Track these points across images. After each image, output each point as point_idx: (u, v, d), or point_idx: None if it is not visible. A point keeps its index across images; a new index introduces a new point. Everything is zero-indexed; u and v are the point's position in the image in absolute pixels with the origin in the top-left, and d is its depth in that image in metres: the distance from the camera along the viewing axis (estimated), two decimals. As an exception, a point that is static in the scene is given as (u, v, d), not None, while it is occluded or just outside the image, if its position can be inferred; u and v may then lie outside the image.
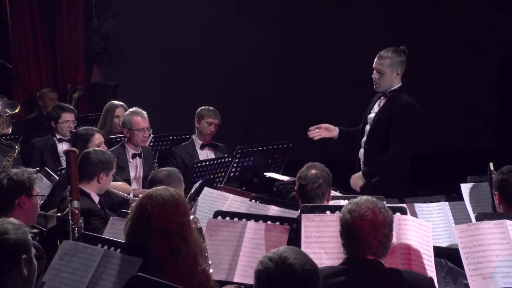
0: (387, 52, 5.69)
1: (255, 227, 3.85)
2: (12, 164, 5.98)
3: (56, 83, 9.97)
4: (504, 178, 3.97)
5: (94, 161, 4.78)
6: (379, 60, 5.69)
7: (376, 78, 5.70)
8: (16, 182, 3.87)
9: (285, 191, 5.27)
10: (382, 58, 5.68)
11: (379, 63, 5.69)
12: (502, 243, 3.45)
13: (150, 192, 3.15)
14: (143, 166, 6.25)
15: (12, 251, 2.68)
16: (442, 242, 4.23)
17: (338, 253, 3.29)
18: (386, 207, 3.20)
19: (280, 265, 2.27)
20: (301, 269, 2.26)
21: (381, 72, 5.66)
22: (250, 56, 9.41)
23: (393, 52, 5.68)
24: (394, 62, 5.66)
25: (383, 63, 5.67)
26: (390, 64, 5.65)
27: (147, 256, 2.94)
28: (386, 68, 5.66)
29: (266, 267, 2.29)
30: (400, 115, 5.58)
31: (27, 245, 2.75)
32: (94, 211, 4.55)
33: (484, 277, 3.39)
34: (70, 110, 6.92)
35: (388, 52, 5.68)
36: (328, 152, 6.47)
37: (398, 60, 5.67)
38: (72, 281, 3.12)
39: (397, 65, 5.67)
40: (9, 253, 2.68)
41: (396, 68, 5.67)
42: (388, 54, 5.67)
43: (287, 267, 2.26)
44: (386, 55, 5.68)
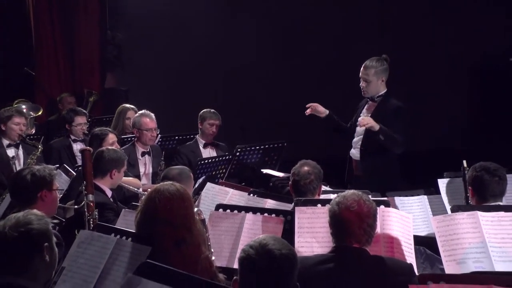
0: (371, 62, 5.73)
1: (253, 219, 3.88)
2: (35, 161, 6.00)
3: (74, 88, 9.99)
4: (477, 175, 4.01)
5: (107, 159, 4.79)
6: (364, 70, 5.73)
7: (363, 86, 5.75)
8: (38, 177, 3.90)
9: (280, 186, 5.30)
10: (367, 68, 5.72)
11: (365, 73, 5.73)
12: (474, 231, 3.49)
13: (158, 187, 3.16)
14: (151, 163, 6.26)
15: (35, 239, 2.72)
16: (421, 232, 4.26)
17: (327, 242, 3.31)
18: (370, 200, 3.22)
19: (260, 251, 2.28)
20: (279, 253, 2.27)
21: (368, 80, 5.71)
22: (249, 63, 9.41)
23: (377, 61, 5.73)
24: (379, 71, 5.70)
25: (368, 72, 5.71)
26: (375, 73, 5.69)
27: (155, 245, 2.96)
28: (372, 77, 5.70)
29: (248, 254, 2.30)
30: (394, 117, 5.63)
31: (49, 234, 2.79)
32: (107, 204, 4.57)
33: (458, 262, 3.43)
34: (82, 114, 6.92)
35: (372, 62, 5.73)
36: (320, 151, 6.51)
37: (382, 68, 5.72)
38: (88, 266, 3.13)
39: (381, 73, 5.72)
40: (33, 241, 2.72)
41: (381, 76, 5.72)
42: (373, 64, 5.72)
43: (266, 252, 2.27)
44: (370, 64, 5.72)
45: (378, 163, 5.68)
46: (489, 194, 3.96)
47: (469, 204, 4.02)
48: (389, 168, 5.73)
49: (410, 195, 4.56)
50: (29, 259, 2.72)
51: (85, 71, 10.33)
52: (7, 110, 6.62)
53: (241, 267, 2.33)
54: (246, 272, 2.30)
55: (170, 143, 6.76)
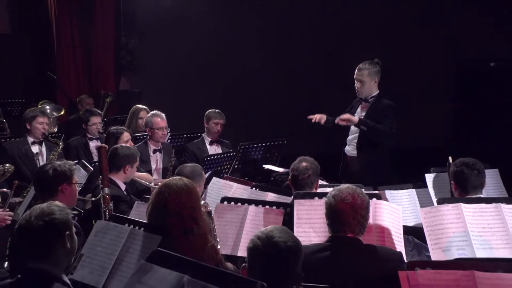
0: (364, 64, 5.75)
1: (255, 211, 3.88)
2: (56, 157, 6.02)
3: (92, 90, 10.03)
4: (458, 170, 4.04)
5: (121, 155, 4.80)
6: (359, 72, 5.74)
7: (358, 87, 5.76)
8: (59, 172, 3.92)
9: (281, 180, 5.29)
10: (361, 70, 5.73)
11: (359, 74, 5.74)
12: (458, 222, 3.51)
13: (167, 181, 3.16)
14: (162, 159, 6.26)
15: (57, 228, 2.74)
16: (410, 222, 4.27)
17: (324, 232, 3.31)
18: (363, 193, 3.23)
19: (267, 242, 2.28)
20: (284, 245, 2.27)
21: (362, 81, 5.71)
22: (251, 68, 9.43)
23: (370, 64, 5.75)
24: (372, 72, 5.71)
25: (362, 73, 5.72)
26: (368, 74, 5.70)
27: (165, 234, 2.96)
28: (366, 78, 5.70)
29: (255, 244, 2.31)
30: (386, 113, 5.64)
31: (70, 224, 2.82)
32: (121, 197, 4.57)
33: (443, 250, 3.44)
34: (97, 114, 6.91)
35: (365, 64, 5.74)
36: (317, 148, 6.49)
37: (375, 70, 5.73)
38: (104, 253, 3.14)
39: (374, 74, 5.72)
40: (55, 230, 2.74)
41: (374, 77, 5.72)
42: (366, 66, 5.73)
43: (272, 244, 2.27)
44: (364, 67, 5.73)
45: (372, 158, 5.68)
46: (470, 187, 3.99)
47: (453, 197, 4.03)
48: (381, 163, 5.73)
49: (400, 189, 4.56)
50: (52, 246, 2.74)
51: (101, 75, 10.37)
52: (32, 110, 6.67)
53: (249, 257, 2.34)
54: (253, 261, 2.31)
55: (179, 140, 6.75)
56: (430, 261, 3.19)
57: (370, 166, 5.66)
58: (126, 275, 2.92)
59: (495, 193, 4.56)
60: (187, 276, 1.95)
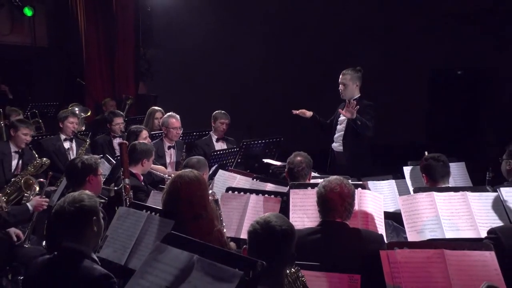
0: (347, 70, 5.75)
1: (256, 199, 3.87)
2: (84, 152, 6.03)
3: (114, 94, 10.10)
4: (426, 164, 4.04)
5: (139, 150, 4.79)
6: (342, 76, 5.75)
7: (342, 90, 5.75)
8: (87, 164, 3.92)
9: (278, 172, 5.26)
10: (345, 74, 5.74)
11: (343, 78, 5.75)
12: (430, 208, 3.51)
13: (180, 173, 3.15)
14: (175, 154, 6.25)
15: (86, 214, 2.78)
16: (390, 208, 4.25)
17: (316, 217, 3.29)
18: (350, 183, 3.22)
19: (264, 226, 2.26)
20: (279, 229, 2.25)
21: (345, 84, 5.71)
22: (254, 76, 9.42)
23: (352, 70, 5.75)
24: (354, 77, 5.71)
25: (346, 77, 5.73)
26: (351, 78, 5.70)
27: (177, 219, 2.95)
28: (348, 81, 5.71)
29: (254, 228, 2.29)
30: (367, 111, 5.61)
31: (97, 210, 2.84)
32: (139, 187, 4.56)
33: (418, 232, 3.45)
34: (119, 115, 6.93)
35: (348, 70, 5.75)
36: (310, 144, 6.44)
37: (357, 76, 5.72)
38: (125, 235, 3.15)
39: (356, 79, 5.72)
40: (84, 215, 2.77)
41: (355, 81, 5.72)
42: (349, 71, 5.74)
43: (269, 227, 2.25)
44: (347, 72, 5.74)
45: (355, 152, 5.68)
46: (438, 176, 3.98)
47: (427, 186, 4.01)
48: (364, 157, 5.72)
49: (381, 180, 4.54)
50: (82, 229, 2.77)
51: (122, 81, 10.43)
52: (64, 111, 6.76)
53: (249, 239, 2.31)
54: (253, 243, 2.29)
55: (190, 138, 6.74)
56: (407, 242, 3.19)
57: (355, 159, 5.65)
58: (144, 254, 2.92)
59: (462, 182, 4.58)
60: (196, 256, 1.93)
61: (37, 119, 8.13)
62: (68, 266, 2.69)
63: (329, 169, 5.75)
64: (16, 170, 5.72)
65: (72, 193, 2.87)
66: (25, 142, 5.85)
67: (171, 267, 1.96)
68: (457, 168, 4.57)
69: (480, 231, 3.37)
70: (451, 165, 4.15)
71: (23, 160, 5.80)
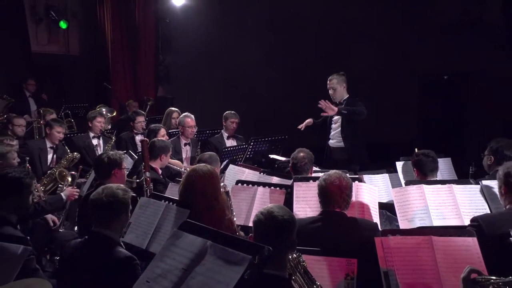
0: (333, 75, 5.73)
1: (263, 191, 3.85)
2: (110, 148, 6.05)
3: (136, 96, 10.10)
4: (417, 159, 4.02)
5: (157, 146, 4.78)
6: (330, 82, 5.75)
7: (331, 94, 5.74)
8: (112, 159, 3.92)
9: (283, 167, 5.24)
10: (331, 80, 5.74)
11: (330, 84, 5.74)
12: (420, 199, 3.49)
13: (194, 167, 3.13)
14: (191, 150, 6.25)
15: (119, 206, 2.80)
16: (384, 199, 4.20)
17: (317, 207, 3.26)
18: (348, 177, 3.20)
19: (267, 216, 2.24)
20: (281, 218, 2.22)
21: (334, 88, 5.70)
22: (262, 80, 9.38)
23: (337, 74, 5.73)
24: (340, 80, 5.69)
25: (333, 82, 5.71)
26: (337, 82, 5.68)
27: (192, 209, 2.94)
28: (336, 85, 5.68)
29: (259, 218, 2.26)
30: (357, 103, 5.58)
31: (128, 203, 2.88)
32: (158, 180, 4.55)
33: (409, 220, 3.43)
34: (142, 114, 6.95)
35: (334, 75, 5.73)
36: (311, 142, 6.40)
37: (342, 78, 5.72)
38: (146, 223, 3.15)
39: (342, 81, 5.70)
40: (117, 207, 2.79)
41: (342, 84, 5.70)
42: (334, 76, 5.72)
43: (272, 217, 2.22)
44: (333, 77, 5.73)
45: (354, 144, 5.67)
46: (428, 170, 3.95)
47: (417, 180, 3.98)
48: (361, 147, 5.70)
49: (376, 173, 4.51)
50: (113, 218, 2.79)
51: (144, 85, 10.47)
52: (93, 112, 6.78)
53: (254, 227, 2.30)
54: (257, 231, 2.27)
55: (203, 135, 6.73)
56: (399, 229, 3.18)
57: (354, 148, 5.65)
58: (163, 239, 2.93)
59: (448, 176, 4.56)
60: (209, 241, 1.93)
61: (69, 118, 8.17)
62: (97, 249, 2.71)
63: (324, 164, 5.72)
64: (51, 164, 5.77)
65: (111, 185, 2.88)
66: (59, 139, 5.92)
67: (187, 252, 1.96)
68: (444, 163, 4.54)
69: (464, 219, 3.35)
70: (439, 160, 4.11)
71: (57, 154, 5.84)
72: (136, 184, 4.43)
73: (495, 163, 3.88)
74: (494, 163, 3.90)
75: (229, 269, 1.79)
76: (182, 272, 1.88)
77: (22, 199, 3.05)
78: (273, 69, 9.51)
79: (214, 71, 9.60)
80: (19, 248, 2.56)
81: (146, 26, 10.39)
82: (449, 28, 8.17)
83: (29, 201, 3.13)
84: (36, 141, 6.32)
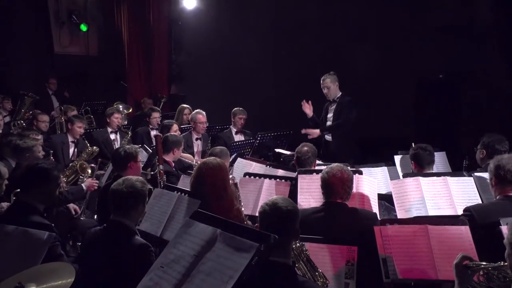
0: (325, 76, 5.69)
1: (269, 183, 3.83)
2: (126, 143, 6.05)
3: (151, 94, 10.11)
4: (415, 152, 3.99)
5: (170, 141, 4.77)
6: (323, 82, 5.70)
7: (326, 92, 5.71)
8: (128, 153, 3.93)
9: (288, 160, 5.22)
10: (325, 80, 5.69)
11: (324, 83, 5.71)
12: (417, 190, 3.48)
13: (205, 160, 3.13)
14: (202, 145, 6.24)
15: (137, 197, 2.80)
16: (382, 191, 4.16)
17: (320, 198, 3.24)
18: (349, 170, 3.17)
19: (272, 207, 2.22)
20: (285, 209, 2.20)
21: (328, 87, 5.66)
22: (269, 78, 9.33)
23: (329, 74, 5.69)
24: (332, 79, 5.66)
25: (326, 81, 5.68)
26: (331, 81, 5.65)
27: (203, 199, 2.94)
28: (330, 84, 5.65)
29: (264, 209, 2.24)
30: (346, 105, 5.57)
31: (145, 196, 2.87)
32: (171, 172, 4.54)
33: (406, 210, 3.42)
34: (157, 111, 6.96)
35: (326, 75, 5.69)
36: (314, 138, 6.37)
37: (334, 77, 5.68)
38: (160, 212, 3.16)
39: (334, 80, 5.67)
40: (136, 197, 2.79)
41: (335, 82, 5.67)
42: (327, 76, 5.68)
43: (276, 208, 2.21)
44: (326, 77, 5.68)
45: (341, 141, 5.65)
46: (425, 163, 3.93)
47: (414, 172, 3.96)
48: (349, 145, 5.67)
49: (375, 166, 4.46)
50: (131, 208, 2.78)
51: (158, 83, 10.49)
52: (111, 108, 6.82)
53: (259, 218, 2.28)
54: (262, 221, 2.25)
55: (213, 131, 6.72)
56: (396, 219, 3.17)
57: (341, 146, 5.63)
58: (176, 227, 2.93)
59: (443, 169, 4.51)
60: (219, 230, 1.93)
61: (89, 115, 8.19)
62: (115, 236, 2.71)
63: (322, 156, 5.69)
64: (72, 157, 5.79)
65: (131, 177, 2.87)
66: (80, 134, 5.93)
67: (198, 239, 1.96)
68: (439, 156, 4.50)
69: (457, 209, 3.33)
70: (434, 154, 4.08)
71: (78, 148, 5.87)
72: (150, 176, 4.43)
73: (486, 156, 3.85)
74: (486, 156, 3.88)
75: (237, 256, 1.79)
76: (194, 258, 1.89)
77: (50, 190, 3.06)
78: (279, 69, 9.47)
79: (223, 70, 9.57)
80: (44, 234, 2.59)
81: (160, 28, 10.41)
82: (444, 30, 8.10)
83: (56, 192, 3.14)
84: (58, 135, 6.34)
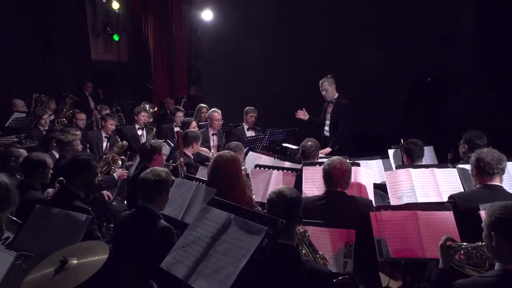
0: (323, 79, 5.55)
1: (277, 174, 3.81)
2: (151, 138, 6.07)
3: (173, 95, 10.12)
4: (407, 146, 3.95)
5: (190, 136, 4.75)
6: (321, 85, 5.55)
7: (324, 94, 5.57)
8: (153, 146, 3.94)
9: (294, 154, 5.19)
10: (323, 83, 5.54)
11: (322, 86, 5.56)
12: (407, 180, 3.44)
13: (220, 153, 3.12)
14: (217, 140, 6.24)
15: (162, 185, 2.80)
16: (377, 181, 4.11)
17: (322, 187, 3.20)
18: (348, 162, 3.15)
19: (278, 195, 2.21)
20: (290, 196, 2.19)
21: (326, 89, 5.53)
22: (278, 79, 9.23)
23: (326, 78, 5.55)
24: (329, 82, 5.52)
25: (324, 85, 5.54)
26: (328, 84, 5.52)
27: (219, 188, 2.93)
28: (327, 86, 5.52)
29: (271, 197, 2.23)
30: (343, 110, 5.45)
31: (169, 184, 2.88)
32: (191, 164, 4.53)
33: (398, 198, 3.38)
34: (181, 110, 6.96)
35: (324, 79, 5.54)
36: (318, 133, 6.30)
37: (330, 80, 5.53)
38: (181, 199, 3.16)
39: (331, 83, 5.53)
40: (161, 185, 2.79)
41: (332, 85, 5.54)
42: (324, 79, 5.54)
43: (281, 196, 2.19)
44: (323, 80, 5.54)
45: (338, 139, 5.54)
46: (416, 156, 3.89)
47: (405, 164, 3.92)
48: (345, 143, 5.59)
49: (371, 159, 4.41)
50: (156, 195, 2.78)
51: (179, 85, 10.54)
52: (138, 108, 6.80)
53: (268, 204, 2.27)
54: (270, 208, 2.24)
55: (227, 127, 6.72)
56: (389, 205, 3.13)
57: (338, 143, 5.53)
58: (195, 212, 2.93)
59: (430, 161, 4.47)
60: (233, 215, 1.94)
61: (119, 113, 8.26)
62: (142, 219, 2.73)
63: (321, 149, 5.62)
64: (105, 150, 5.84)
65: (157, 168, 2.88)
66: (112, 130, 6.00)
67: (215, 223, 1.96)
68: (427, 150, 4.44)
69: (443, 197, 3.30)
70: (423, 148, 4.03)
71: (110, 142, 5.90)
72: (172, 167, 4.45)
73: (468, 150, 3.83)
74: (467, 150, 3.86)
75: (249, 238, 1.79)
76: (211, 240, 1.90)
77: (90, 178, 3.07)
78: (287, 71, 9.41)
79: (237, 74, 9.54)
80: (83, 217, 2.63)
81: (181, 37, 10.44)
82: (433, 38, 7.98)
83: (95, 181, 3.15)
84: (94, 131, 6.39)
